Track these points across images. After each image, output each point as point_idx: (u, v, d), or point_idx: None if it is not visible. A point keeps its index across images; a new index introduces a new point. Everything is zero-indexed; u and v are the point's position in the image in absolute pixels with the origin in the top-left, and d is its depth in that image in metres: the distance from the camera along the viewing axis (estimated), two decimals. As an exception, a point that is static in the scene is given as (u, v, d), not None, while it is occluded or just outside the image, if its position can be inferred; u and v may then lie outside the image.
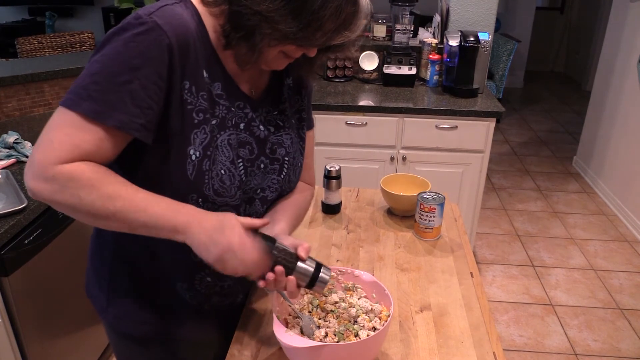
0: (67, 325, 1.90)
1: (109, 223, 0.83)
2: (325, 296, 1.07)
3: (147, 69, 0.81)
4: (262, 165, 1.01)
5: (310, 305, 1.05)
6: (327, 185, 1.55)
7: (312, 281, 0.93)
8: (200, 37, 0.88)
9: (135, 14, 0.82)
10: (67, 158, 0.79)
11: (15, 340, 1.62)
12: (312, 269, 0.93)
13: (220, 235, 0.85)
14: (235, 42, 0.87)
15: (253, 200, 1.02)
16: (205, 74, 0.89)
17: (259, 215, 1.05)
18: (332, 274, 1.11)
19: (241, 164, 0.96)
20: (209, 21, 0.89)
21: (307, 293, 1.08)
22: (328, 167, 1.54)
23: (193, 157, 0.89)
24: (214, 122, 0.91)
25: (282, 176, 1.05)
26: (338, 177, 1.54)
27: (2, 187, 1.75)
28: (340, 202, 1.59)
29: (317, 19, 0.82)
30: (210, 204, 0.93)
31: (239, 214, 0.97)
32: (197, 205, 0.91)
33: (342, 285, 1.10)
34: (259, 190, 1.02)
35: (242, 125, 0.97)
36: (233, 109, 0.95)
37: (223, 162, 0.93)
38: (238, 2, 0.82)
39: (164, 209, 0.84)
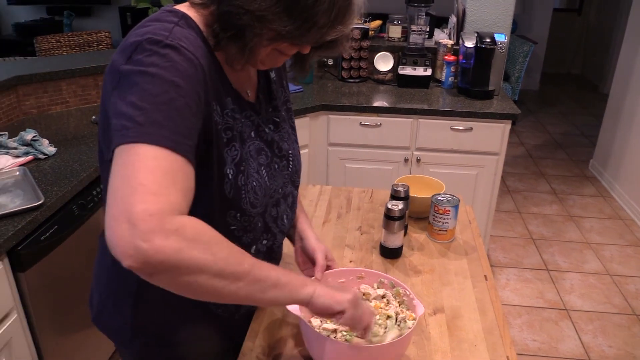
0: (82, 320, 1.92)
1: (238, 285, 0.72)
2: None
3: (188, 87, 0.75)
4: (276, 167, 1.02)
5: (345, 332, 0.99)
6: (386, 226, 1.33)
7: None
8: (207, 54, 0.83)
9: (151, 39, 0.75)
10: (178, 201, 0.67)
11: (31, 335, 1.64)
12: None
13: (343, 290, 0.87)
14: (224, 42, 0.82)
15: (279, 202, 1.04)
16: (221, 91, 0.88)
17: (285, 214, 1.07)
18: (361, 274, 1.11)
19: (263, 170, 0.97)
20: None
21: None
22: (389, 206, 1.30)
23: (230, 176, 0.89)
24: (238, 137, 0.91)
25: (289, 169, 1.06)
26: (402, 218, 1.31)
27: (20, 184, 1.77)
28: (402, 246, 1.36)
29: (311, 16, 0.78)
30: (247, 217, 0.94)
31: (265, 218, 1.01)
32: (235, 220, 0.92)
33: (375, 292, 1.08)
34: (280, 190, 1.04)
35: (253, 134, 0.96)
36: (244, 120, 0.94)
37: (252, 174, 0.93)
38: (228, 2, 0.78)
39: (281, 268, 0.81)
